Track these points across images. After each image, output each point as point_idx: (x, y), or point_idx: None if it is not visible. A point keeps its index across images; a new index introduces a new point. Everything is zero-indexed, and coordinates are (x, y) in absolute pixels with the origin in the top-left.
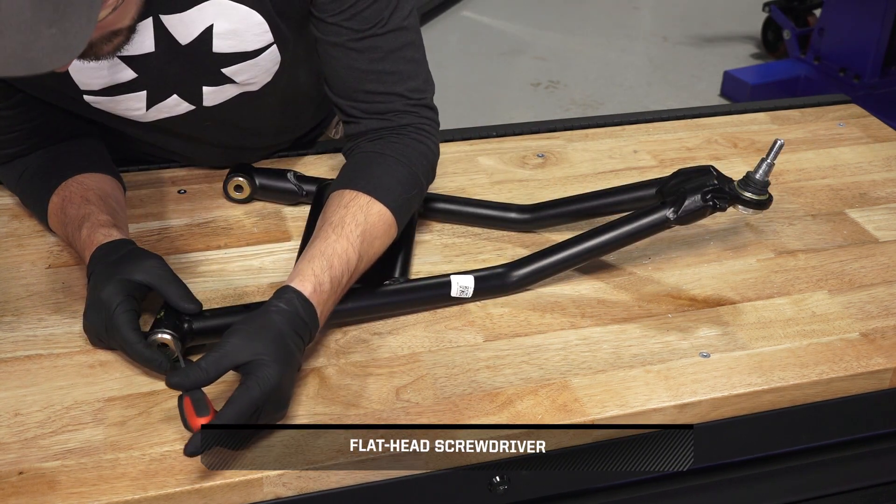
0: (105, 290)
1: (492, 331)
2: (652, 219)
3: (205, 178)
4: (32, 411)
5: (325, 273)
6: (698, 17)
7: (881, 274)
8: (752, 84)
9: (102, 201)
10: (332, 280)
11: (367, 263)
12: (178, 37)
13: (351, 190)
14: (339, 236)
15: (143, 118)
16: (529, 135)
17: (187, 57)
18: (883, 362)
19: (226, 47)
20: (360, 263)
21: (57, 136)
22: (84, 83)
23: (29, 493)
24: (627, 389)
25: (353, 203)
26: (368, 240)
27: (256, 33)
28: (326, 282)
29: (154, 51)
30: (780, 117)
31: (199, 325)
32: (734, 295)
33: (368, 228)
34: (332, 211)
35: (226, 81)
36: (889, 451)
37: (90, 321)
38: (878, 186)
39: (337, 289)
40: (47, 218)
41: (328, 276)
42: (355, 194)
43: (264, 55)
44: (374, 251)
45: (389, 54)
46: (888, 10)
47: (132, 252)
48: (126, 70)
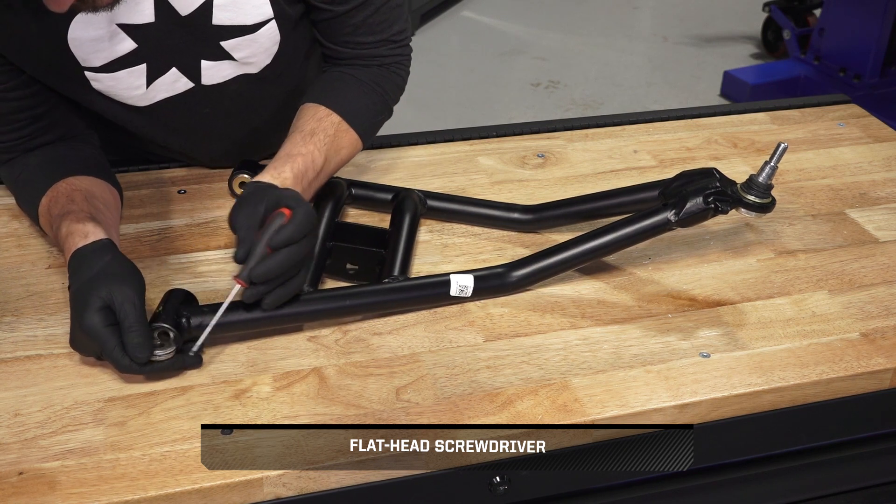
0: (85, 320)
1: (492, 331)
2: (653, 221)
3: (205, 178)
4: (32, 411)
5: (287, 168)
6: (698, 17)
7: (881, 274)
8: (752, 84)
9: (87, 201)
10: (295, 174)
11: (333, 166)
12: (178, 7)
13: (325, 108)
14: (308, 142)
15: (143, 99)
16: (529, 135)
17: (186, 28)
18: (883, 362)
19: (225, 19)
20: (326, 166)
21: (57, 131)
22: (85, 59)
23: (29, 494)
24: (627, 389)
25: (326, 119)
26: (335, 147)
27: (255, 5)
28: (289, 175)
29: (154, 21)
30: (780, 117)
31: (198, 321)
32: (734, 295)
33: (336, 138)
34: (304, 122)
35: (224, 57)
36: (889, 451)
37: (80, 348)
38: (878, 186)
39: (300, 181)
40: (38, 220)
41: (290, 172)
42: (328, 112)
43: (263, 31)
44: (340, 157)
45: (381, 6)
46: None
47: (109, 266)
48: (126, 41)
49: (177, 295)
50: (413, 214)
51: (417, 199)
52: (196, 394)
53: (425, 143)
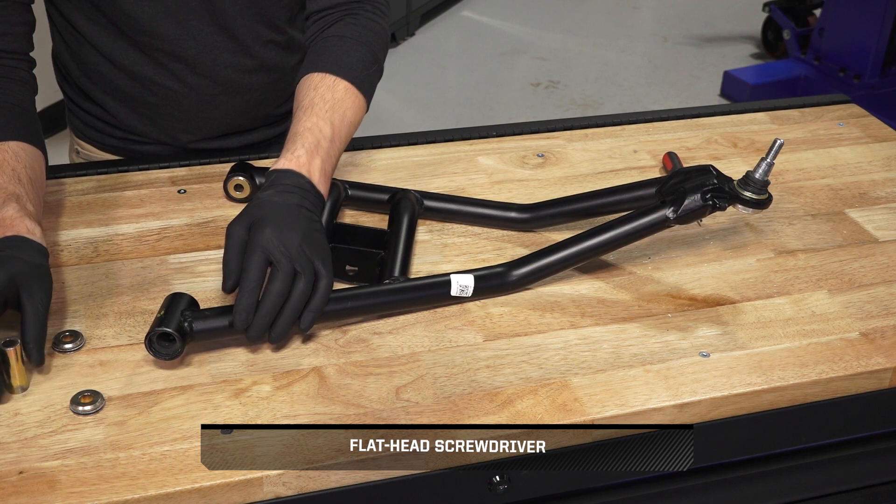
0: None
1: (492, 330)
2: (651, 218)
3: (205, 178)
4: (32, 411)
5: (298, 146)
6: (698, 17)
7: (881, 274)
8: (752, 84)
9: (32, 187)
10: (308, 149)
11: (345, 130)
12: None
13: (317, 73)
14: (310, 116)
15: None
16: (529, 135)
17: None
18: (883, 362)
19: None
20: (337, 132)
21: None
22: None
23: (29, 493)
24: (627, 389)
25: (321, 84)
26: (339, 112)
27: None
28: (302, 153)
29: None
30: (779, 117)
31: (200, 325)
32: (734, 294)
33: (337, 103)
34: (302, 95)
35: None
36: (889, 451)
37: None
38: (878, 186)
39: (316, 153)
40: None
41: (303, 149)
42: (322, 76)
43: None
44: (347, 120)
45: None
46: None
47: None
48: None
49: (178, 299)
50: (410, 215)
51: (414, 200)
52: (196, 393)
53: (425, 143)
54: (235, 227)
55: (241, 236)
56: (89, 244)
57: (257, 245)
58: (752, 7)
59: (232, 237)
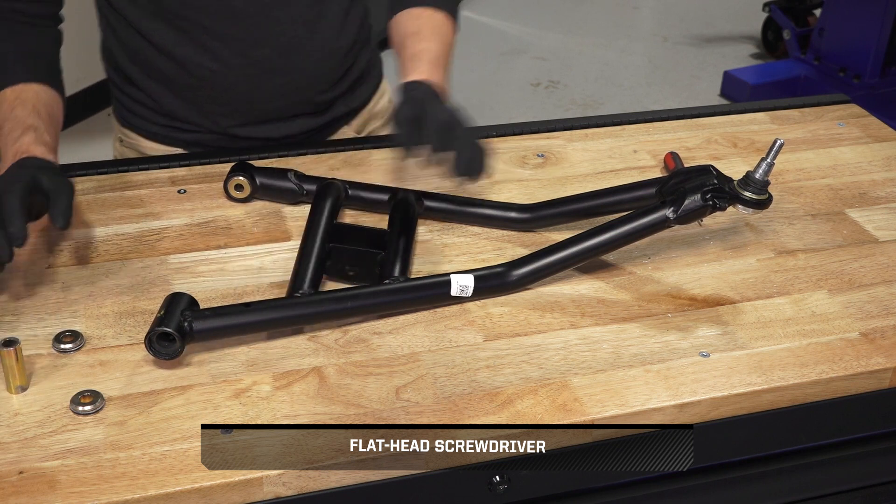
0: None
1: (492, 330)
2: (651, 218)
3: (205, 178)
4: (32, 411)
5: (423, 64)
6: (698, 17)
7: (881, 274)
8: (752, 84)
9: (51, 122)
10: (431, 64)
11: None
12: None
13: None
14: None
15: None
16: (529, 135)
17: None
18: (883, 362)
19: None
20: (447, 51)
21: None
22: None
23: (29, 493)
24: (627, 389)
25: (423, 14)
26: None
27: None
28: (426, 68)
29: None
30: (779, 117)
31: (200, 325)
32: (734, 294)
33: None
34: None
35: None
36: (889, 451)
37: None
38: (878, 186)
39: (436, 68)
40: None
41: (427, 65)
42: (421, 9)
43: None
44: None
45: None
46: (888, 10)
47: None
48: None
49: (178, 299)
50: (410, 215)
51: (414, 200)
52: (196, 393)
53: None
54: (403, 108)
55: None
56: (89, 244)
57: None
58: (752, 7)
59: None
